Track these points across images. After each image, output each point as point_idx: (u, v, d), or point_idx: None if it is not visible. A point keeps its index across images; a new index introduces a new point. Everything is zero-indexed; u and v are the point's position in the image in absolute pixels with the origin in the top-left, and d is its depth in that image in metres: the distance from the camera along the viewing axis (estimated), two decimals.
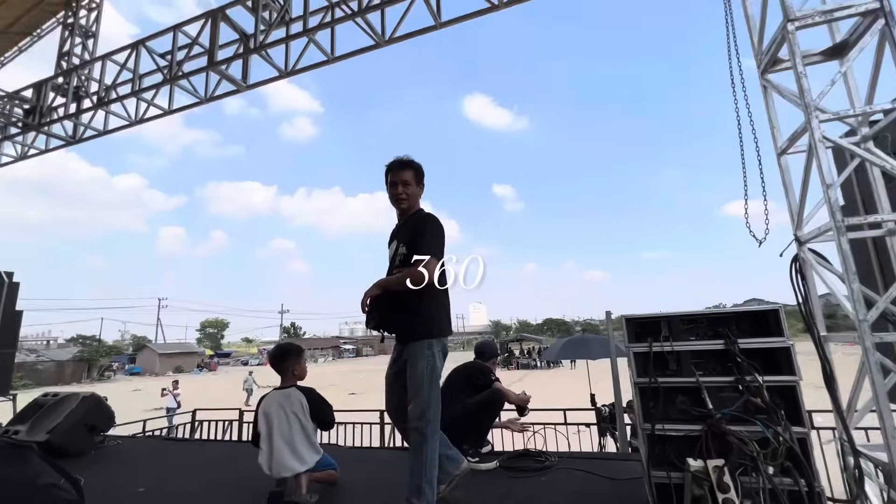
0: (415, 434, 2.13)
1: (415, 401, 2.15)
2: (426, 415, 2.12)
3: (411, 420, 2.14)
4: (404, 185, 2.37)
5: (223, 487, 3.01)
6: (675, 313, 2.10)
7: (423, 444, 2.11)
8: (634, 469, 2.79)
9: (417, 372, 2.17)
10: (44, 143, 7.48)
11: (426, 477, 2.08)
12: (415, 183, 2.40)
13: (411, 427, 2.14)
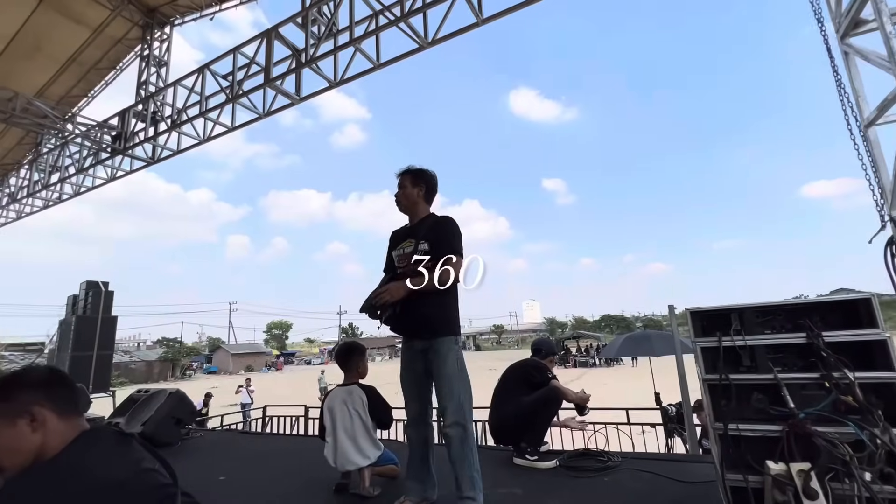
0: (457, 429, 2.19)
1: (450, 396, 2.21)
2: (464, 407, 2.22)
3: (450, 415, 2.19)
4: (400, 187, 2.56)
5: (293, 477, 3.19)
6: (748, 305, 1.94)
7: (466, 437, 2.19)
8: (706, 472, 2.63)
9: (449, 368, 2.24)
10: (128, 164, 8.32)
11: (476, 466, 2.18)
12: (410, 185, 2.53)
13: (451, 422, 2.19)
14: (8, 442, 1.09)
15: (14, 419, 1.11)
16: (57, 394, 1.19)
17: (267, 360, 55.19)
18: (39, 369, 1.24)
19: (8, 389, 1.16)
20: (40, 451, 1.10)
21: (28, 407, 1.13)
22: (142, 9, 7.68)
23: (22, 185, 9.78)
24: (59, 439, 1.12)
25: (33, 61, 7.95)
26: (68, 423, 1.16)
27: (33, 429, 1.11)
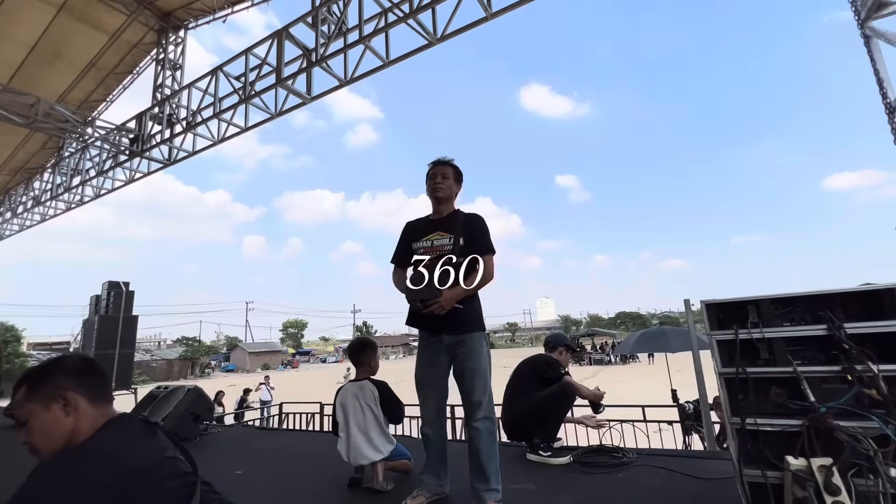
0: (488, 423, 2.22)
1: (483, 391, 2.24)
2: (492, 403, 2.26)
3: (483, 410, 2.22)
4: (443, 177, 2.48)
5: (307, 472, 3.23)
6: (765, 296, 1.89)
7: (494, 431, 2.23)
8: (724, 468, 2.57)
9: (482, 364, 2.26)
10: (146, 166, 8.50)
11: (499, 460, 2.22)
12: (452, 178, 2.50)
13: (483, 416, 2.21)
14: (42, 425, 1.15)
15: (48, 403, 1.16)
16: (89, 381, 1.25)
17: (283, 359, 55.96)
18: (73, 357, 1.30)
19: (43, 375, 1.21)
20: (72, 436, 1.16)
21: (62, 392, 1.18)
22: (157, 14, 7.83)
23: (45, 188, 10.07)
24: (90, 424, 1.18)
25: (54, 67, 8.17)
26: (98, 410, 1.22)
27: (66, 413, 1.16)
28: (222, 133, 7.18)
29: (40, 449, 1.15)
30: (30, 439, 1.16)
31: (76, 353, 1.33)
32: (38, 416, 1.16)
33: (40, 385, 1.19)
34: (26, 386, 1.20)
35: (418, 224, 2.56)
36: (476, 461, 2.18)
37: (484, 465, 2.17)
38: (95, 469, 1.05)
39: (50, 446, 1.15)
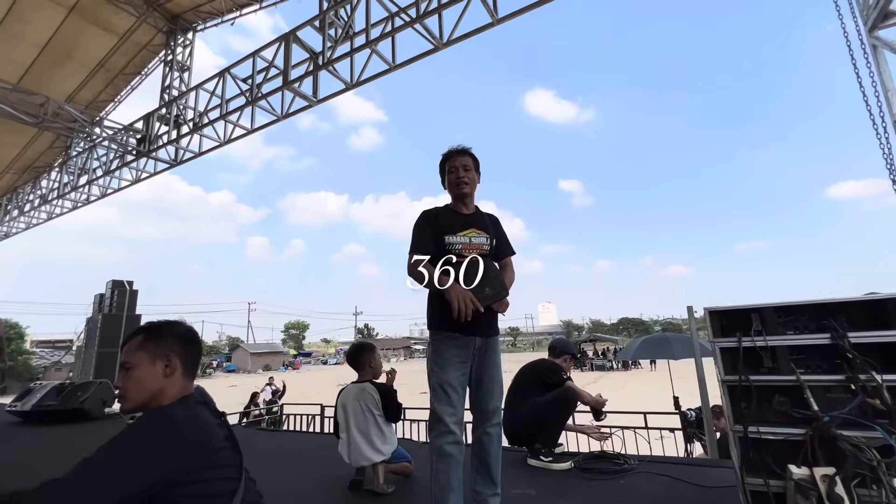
0: (499, 428, 2.18)
1: (501, 396, 2.20)
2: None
3: (497, 415, 2.16)
4: (465, 169, 2.29)
5: (308, 474, 3.23)
6: (769, 304, 1.89)
7: (501, 436, 2.20)
8: (726, 477, 2.56)
9: (501, 369, 2.21)
10: (152, 167, 8.56)
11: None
12: (474, 169, 2.33)
13: (497, 422, 2.16)
14: (142, 376, 1.24)
15: (155, 359, 1.26)
16: (190, 352, 1.34)
17: (284, 360, 55.97)
18: (183, 325, 1.39)
19: (160, 332, 1.31)
20: (157, 395, 1.24)
21: (168, 353, 1.28)
22: (166, 16, 7.91)
23: (52, 186, 10.15)
24: (175, 391, 1.27)
25: (64, 68, 8.26)
26: (186, 382, 1.31)
27: (165, 374, 1.26)
28: (228, 134, 7.23)
29: (129, 398, 1.24)
30: (125, 385, 1.24)
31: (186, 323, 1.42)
32: (142, 367, 1.24)
33: (155, 339, 1.28)
34: (143, 336, 1.30)
35: (450, 217, 2.28)
36: (486, 466, 2.12)
37: (493, 470, 2.13)
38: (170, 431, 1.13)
39: (137, 398, 1.24)
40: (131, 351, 1.27)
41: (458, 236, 2.20)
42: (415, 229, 2.25)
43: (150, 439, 1.10)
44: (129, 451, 1.07)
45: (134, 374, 1.24)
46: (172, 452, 1.10)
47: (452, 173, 2.29)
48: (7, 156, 10.41)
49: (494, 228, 2.32)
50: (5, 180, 11.38)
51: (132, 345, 1.28)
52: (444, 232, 2.20)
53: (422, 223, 2.25)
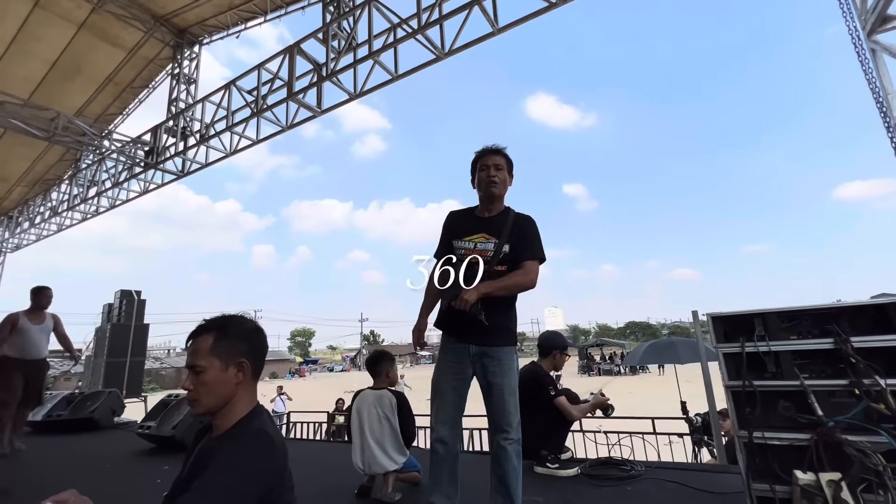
0: (517, 445, 2.05)
1: (516, 411, 2.07)
2: (520, 423, 2.09)
3: (515, 431, 2.05)
4: (497, 168, 2.20)
5: (316, 481, 3.24)
6: (772, 309, 1.90)
7: (520, 454, 2.06)
8: (734, 482, 2.55)
9: (513, 381, 2.08)
10: (160, 178, 8.68)
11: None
12: (506, 170, 2.24)
13: (515, 438, 2.05)
14: (214, 381, 1.20)
15: (228, 365, 1.22)
16: (260, 357, 1.31)
17: (291, 367, 56.04)
18: (251, 322, 1.34)
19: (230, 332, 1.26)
20: (231, 401, 1.23)
21: (241, 358, 1.24)
22: (173, 30, 8.06)
23: (63, 199, 10.31)
24: (248, 399, 1.26)
25: (73, 83, 8.42)
26: (254, 385, 1.30)
27: (237, 379, 1.23)
28: (234, 145, 7.33)
29: (201, 403, 1.21)
30: (196, 389, 1.20)
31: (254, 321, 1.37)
32: (214, 372, 1.20)
33: (228, 342, 1.24)
34: (213, 337, 1.23)
35: (464, 219, 2.25)
36: (504, 483, 2.03)
37: (511, 488, 2.02)
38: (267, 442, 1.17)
39: (210, 403, 1.21)
40: (202, 353, 1.21)
41: (463, 241, 2.17)
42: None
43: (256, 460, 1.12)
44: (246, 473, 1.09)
45: (206, 379, 1.20)
46: (270, 473, 1.13)
47: (483, 171, 2.20)
48: (18, 169, 10.60)
49: (515, 232, 2.14)
50: (17, 193, 11.57)
51: (201, 347, 1.22)
52: (454, 236, 2.21)
53: (443, 226, 2.33)
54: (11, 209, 12.09)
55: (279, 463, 1.18)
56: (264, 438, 1.18)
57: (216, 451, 1.15)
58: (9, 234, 12.17)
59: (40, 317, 4.65)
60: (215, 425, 1.27)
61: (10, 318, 4.44)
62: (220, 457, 1.11)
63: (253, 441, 1.17)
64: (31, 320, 4.56)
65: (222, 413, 1.24)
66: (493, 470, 2.07)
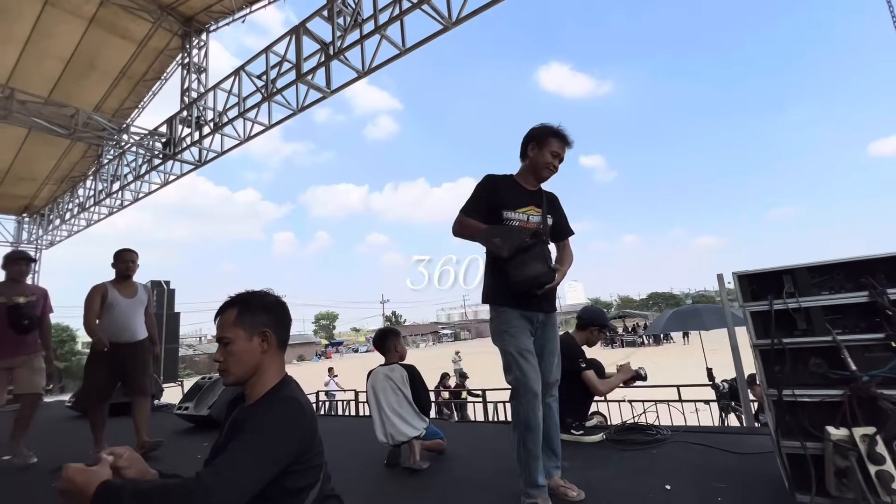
0: (556, 402, 2.20)
1: (558, 371, 2.21)
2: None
3: (555, 389, 2.19)
4: (560, 160, 2.23)
5: (345, 454, 3.35)
6: (801, 265, 1.83)
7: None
8: (762, 443, 2.53)
9: (558, 342, 2.25)
10: (179, 169, 8.84)
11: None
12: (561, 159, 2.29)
13: (555, 395, 2.19)
14: (241, 351, 1.27)
15: (252, 334, 1.28)
16: (284, 327, 1.36)
17: (317, 350, 57.63)
18: (273, 296, 1.40)
19: (252, 305, 1.32)
20: (259, 371, 1.29)
21: (264, 329, 1.30)
22: (180, 19, 8.04)
23: (89, 194, 10.62)
24: (276, 369, 1.32)
25: (89, 79, 8.55)
26: (281, 356, 1.36)
27: (262, 349, 1.29)
28: (248, 132, 7.37)
29: (231, 372, 1.28)
30: (226, 360, 1.27)
31: (276, 296, 1.42)
32: (239, 342, 1.27)
33: (251, 314, 1.30)
34: (237, 310, 1.30)
35: (512, 189, 2.21)
36: (548, 438, 2.08)
37: (555, 442, 2.15)
38: (300, 408, 1.22)
39: (239, 372, 1.28)
40: (227, 326, 1.28)
41: (516, 212, 2.13)
42: (474, 191, 2.21)
43: (287, 425, 1.17)
44: (276, 435, 1.13)
45: (233, 350, 1.26)
46: (301, 437, 1.18)
47: (554, 158, 2.19)
48: (45, 168, 10.93)
49: (552, 208, 2.26)
50: (46, 191, 11.97)
51: (226, 320, 1.29)
52: (503, 206, 2.12)
53: (483, 188, 2.19)
54: (42, 207, 12.53)
55: (309, 428, 1.23)
56: (294, 405, 1.23)
57: (249, 417, 1.21)
58: (42, 232, 12.66)
59: (131, 288, 3.66)
60: (247, 395, 1.33)
61: (99, 288, 3.50)
62: (253, 422, 1.16)
63: (283, 407, 1.22)
64: (121, 292, 3.58)
65: (252, 382, 1.30)
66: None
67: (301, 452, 1.19)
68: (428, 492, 2.38)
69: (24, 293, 3.58)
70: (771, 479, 2.04)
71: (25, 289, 3.65)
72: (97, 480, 0.98)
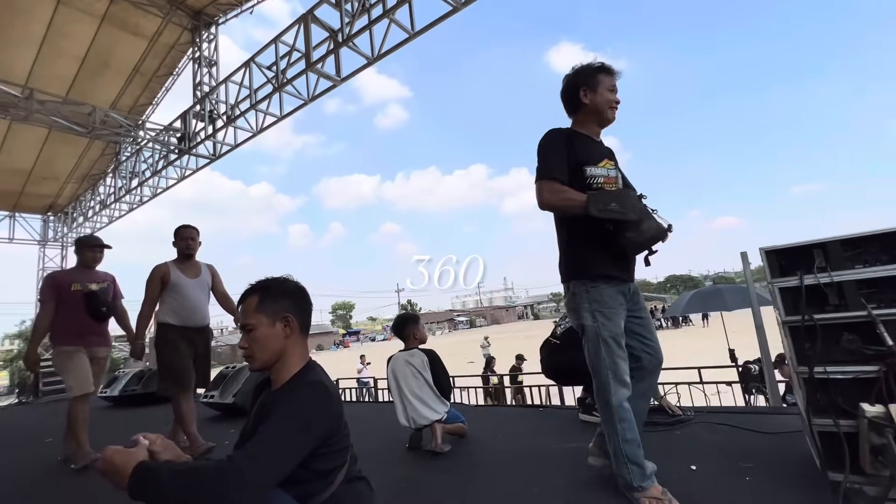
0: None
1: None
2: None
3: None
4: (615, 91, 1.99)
5: (368, 438, 3.40)
6: (833, 238, 1.76)
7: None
8: (789, 423, 2.48)
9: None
10: (194, 163, 8.95)
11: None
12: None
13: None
14: (264, 337, 1.29)
15: (274, 320, 1.30)
16: (305, 312, 1.38)
17: (335, 339, 58.55)
18: (293, 282, 1.42)
19: (272, 291, 1.34)
20: (283, 356, 1.31)
21: (286, 314, 1.32)
22: (188, 13, 8.06)
23: (109, 192, 10.86)
24: (299, 351, 1.34)
25: (103, 77, 8.66)
26: (304, 340, 1.37)
27: (285, 334, 1.30)
28: (260, 124, 7.41)
29: (256, 358, 1.30)
30: (250, 346, 1.30)
31: (296, 281, 1.43)
32: (263, 328, 1.29)
33: (272, 301, 1.32)
34: (258, 297, 1.32)
35: (588, 144, 1.96)
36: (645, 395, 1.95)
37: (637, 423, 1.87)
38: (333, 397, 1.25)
39: (264, 358, 1.30)
40: (249, 313, 1.30)
41: (598, 168, 1.88)
42: (549, 149, 1.91)
43: (314, 408, 1.19)
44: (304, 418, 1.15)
45: (256, 336, 1.28)
46: (328, 419, 1.20)
47: (611, 91, 1.92)
48: (66, 167, 11.19)
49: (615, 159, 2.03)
50: (68, 190, 12.27)
51: (249, 306, 1.31)
52: (583, 162, 1.86)
53: (560, 145, 1.91)
54: (66, 206, 12.87)
55: (335, 410, 1.25)
56: (320, 388, 1.25)
57: (277, 401, 1.22)
58: (67, 230, 13.02)
59: (194, 268, 3.46)
60: (273, 380, 1.35)
61: (160, 269, 3.31)
62: (281, 406, 1.17)
63: (310, 390, 1.23)
64: (184, 273, 3.37)
65: (277, 368, 1.32)
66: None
67: (329, 435, 1.21)
68: (451, 474, 2.40)
69: (96, 280, 3.48)
70: (800, 459, 2.00)
71: (97, 275, 3.54)
72: (135, 461, 1.01)
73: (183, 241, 3.43)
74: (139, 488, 0.97)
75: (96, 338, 3.42)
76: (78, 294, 3.31)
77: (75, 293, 3.31)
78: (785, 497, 1.66)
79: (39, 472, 3.24)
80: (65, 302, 3.27)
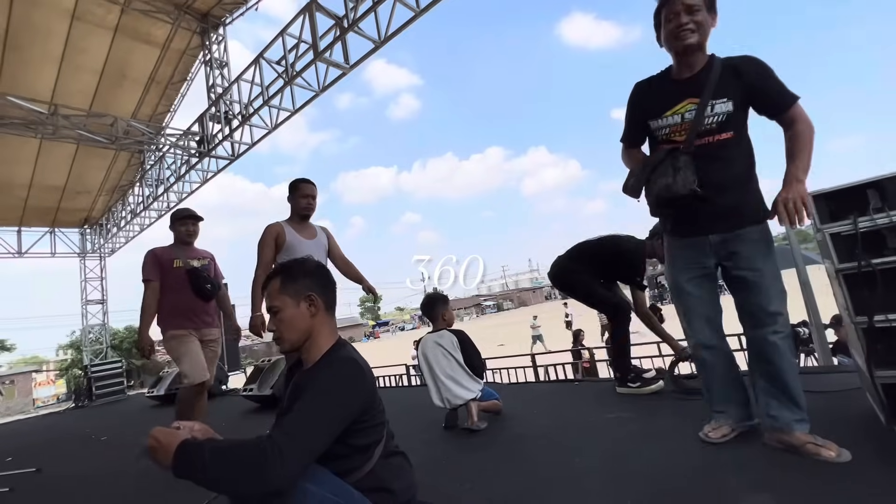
0: (788, 340, 1.71)
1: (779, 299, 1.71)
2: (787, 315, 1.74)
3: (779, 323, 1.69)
4: (689, 11, 1.65)
5: (405, 419, 3.43)
6: (889, 174, 1.61)
7: (793, 348, 1.74)
8: (843, 380, 2.35)
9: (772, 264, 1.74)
10: (215, 165, 9.12)
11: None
12: (705, 8, 1.68)
13: (781, 331, 1.69)
14: (291, 318, 1.30)
15: (298, 300, 1.31)
16: (328, 290, 1.39)
17: (365, 331, 59.62)
18: (312, 262, 1.44)
19: (295, 273, 1.36)
20: (312, 335, 1.32)
21: (309, 293, 1.33)
22: (196, 16, 8.11)
23: (138, 201, 11.22)
24: (329, 332, 1.34)
25: (121, 88, 8.87)
26: (331, 318, 1.38)
27: (311, 313, 1.32)
28: (275, 119, 7.45)
29: (285, 339, 1.32)
30: (278, 328, 1.32)
31: (315, 261, 1.45)
32: (288, 309, 1.30)
33: (293, 281, 1.34)
34: (280, 279, 1.34)
35: (657, 89, 1.81)
36: (777, 382, 1.68)
37: (791, 388, 1.66)
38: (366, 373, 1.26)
39: (293, 338, 1.31)
40: (274, 295, 1.32)
41: (664, 118, 1.75)
42: (626, 109, 1.94)
43: (348, 383, 1.19)
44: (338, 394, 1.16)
45: (283, 317, 1.30)
46: (362, 394, 1.21)
47: (671, 22, 1.69)
48: (96, 180, 11.60)
49: (735, 82, 1.66)
50: (100, 202, 12.75)
51: (272, 289, 1.33)
52: (647, 116, 1.81)
53: (629, 105, 1.91)
54: (100, 218, 13.39)
55: (369, 386, 1.24)
56: (352, 364, 1.24)
57: (310, 379, 1.22)
58: (103, 241, 13.57)
59: (310, 229, 3.12)
60: (304, 359, 1.35)
61: (273, 228, 2.96)
62: (315, 383, 1.18)
63: (342, 366, 1.23)
64: (300, 233, 3.01)
65: (307, 347, 1.32)
66: (763, 372, 1.72)
67: (363, 410, 1.20)
68: (490, 450, 2.38)
69: (197, 256, 3.23)
70: (859, 415, 1.89)
71: (197, 252, 3.28)
72: (179, 439, 1.04)
73: (304, 199, 3.02)
74: (183, 466, 1.00)
75: (206, 317, 3.18)
76: (180, 271, 3.07)
77: (177, 270, 3.06)
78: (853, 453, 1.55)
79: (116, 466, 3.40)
80: (168, 280, 3.03)
